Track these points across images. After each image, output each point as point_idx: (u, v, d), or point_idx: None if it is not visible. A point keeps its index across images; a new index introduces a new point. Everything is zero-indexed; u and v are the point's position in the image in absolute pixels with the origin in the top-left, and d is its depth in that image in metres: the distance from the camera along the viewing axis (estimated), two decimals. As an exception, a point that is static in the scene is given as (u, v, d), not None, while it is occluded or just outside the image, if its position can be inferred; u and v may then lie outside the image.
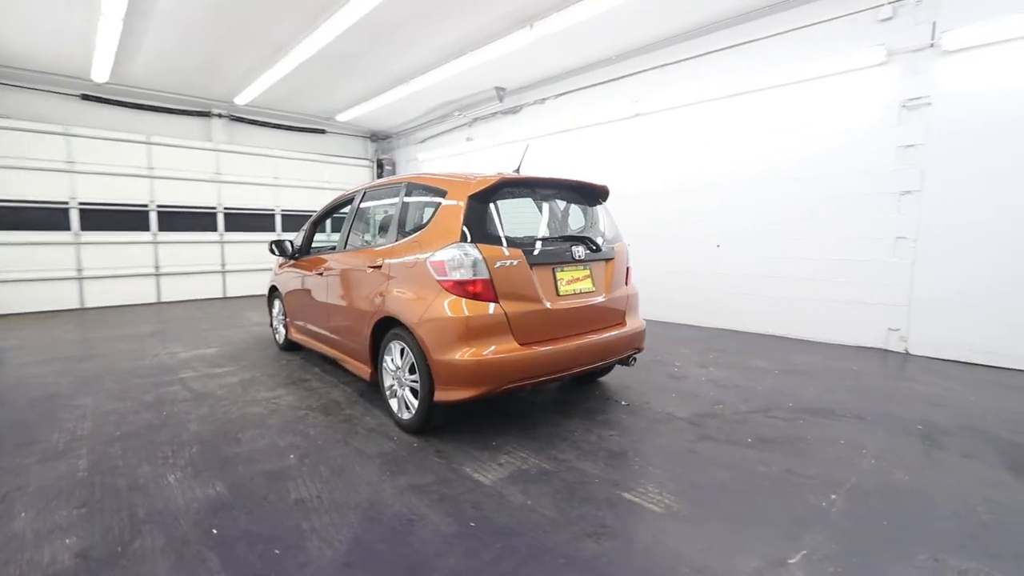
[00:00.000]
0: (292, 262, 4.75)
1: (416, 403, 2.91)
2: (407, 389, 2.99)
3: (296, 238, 4.87)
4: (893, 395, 3.73)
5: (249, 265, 9.76)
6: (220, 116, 9.26)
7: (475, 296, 2.68)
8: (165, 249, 8.79)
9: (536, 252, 2.90)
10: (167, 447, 2.84)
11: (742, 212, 6.12)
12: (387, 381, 3.19)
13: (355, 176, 11.37)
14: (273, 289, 5.31)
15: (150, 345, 5.47)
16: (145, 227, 8.57)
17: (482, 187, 2.83)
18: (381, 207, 3.84)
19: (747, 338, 5.78)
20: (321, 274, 3.98)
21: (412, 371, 2.93)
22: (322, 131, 10.76)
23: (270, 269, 10.67)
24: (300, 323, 4.58)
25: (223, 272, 9.49)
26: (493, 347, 2.67)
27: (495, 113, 9.12)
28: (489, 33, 6.15)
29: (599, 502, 2.26)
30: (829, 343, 5.43)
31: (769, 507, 2.23)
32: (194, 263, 9.13)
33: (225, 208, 9.39)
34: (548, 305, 2.90)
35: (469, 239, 2.73)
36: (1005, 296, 4.42)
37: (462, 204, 2.81)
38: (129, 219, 8.42)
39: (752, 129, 5.96)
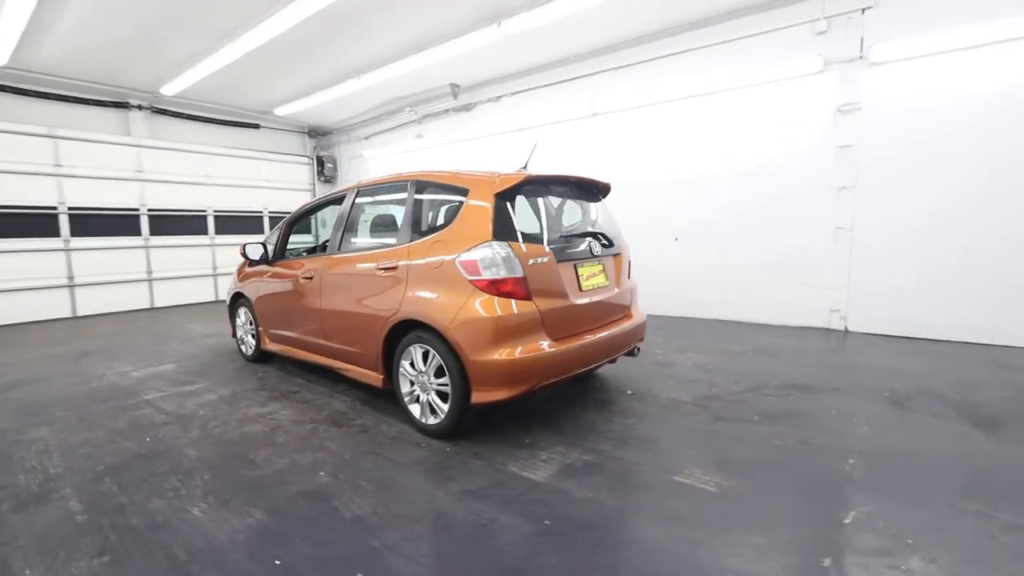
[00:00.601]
0: (266, 266, 4.41)
1: (445, 407, 2.84)
2: (432, 393, 2.92)
3: (268, 240, 4.52)
4: (855, 369, 4.19)
5: (181, 272, 8.89)
6: (140, 108, 8.31)
7: (509, 295, 2.67)
8: (80, 257, 7.76)
9: (562, 249, 2.94)
10: (172, 477, 2.55)
11: (698, 207, 6.54)
12: (405, 387, 3.08)
13: (294, 174, 10.71)
14: (238, 297, 4.90)
15: (89, 366, 4.84)
16: (55, 232, 7.51)
17: (508, 184, 2.82)
18: (381, 206, 3.68)
19: (708, 324, 6.20)
20: (311, 278, 3.74)
21: (438, 375, 2.86)
22: (256, 126, 10.01)
23: (206, 275, 9.90)
24: (279, 332, 4.28)
25: (150, 280, 8.56)
26: (530, 345, 2.68)
27: (447, 110, 8.99)
28: (455, 28, 6.06)
29: (656, 488, 2.36)
30: (780, 325, 5.96)
31: (803, 476, 2.44)
32: (116, 271, 8.15)
33: (149, 210, 8.47)
34: (575, 301, 2.95)
35: (500, 237, 2.71)
36: (928, 277, 5.11)
37: (489, 202, 2.78)
38: (36, 223, 7.34)
39: (705, 130, 6.38)
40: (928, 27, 4.89)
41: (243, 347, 4.91)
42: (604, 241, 3.26)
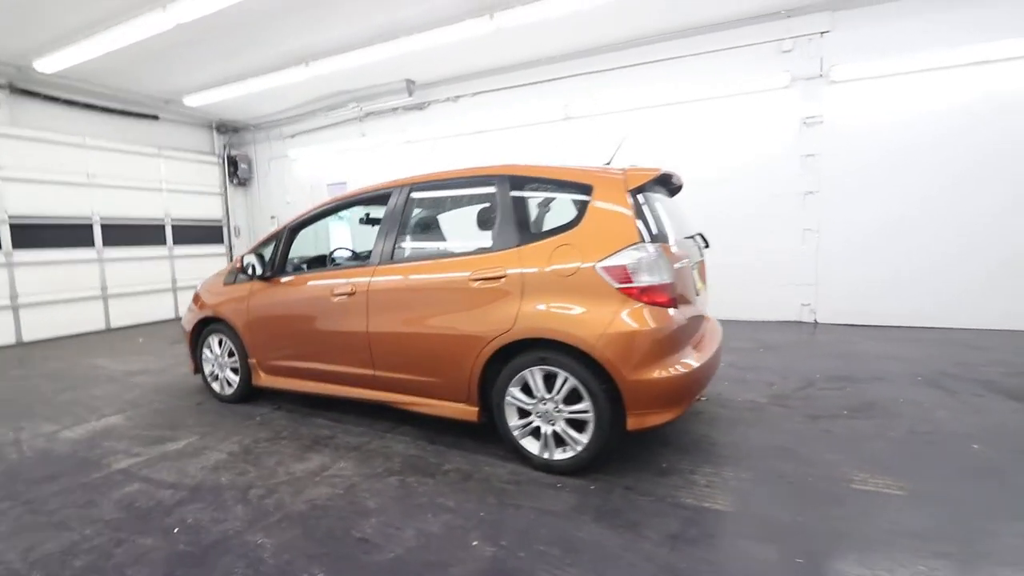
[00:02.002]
0: (259, 283, 3.54)
1: (581, 437, 2.43)
2: (561, 423, 2.48)
3: (259, 251, 3.64)
4: (862, 357, 4.50)
5: (58, 294, 6.99)
6: (-3, 86, 6.40)
7: (660, 303, 2.36)
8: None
9: (690, 251, 2.70)
10: (264, 580, 1.82)
11: (676, 211, 6.73)
12: (513, 419, 2.60)
13: (200, 175, 9.09)
14: (205, 322, 3.88)
15: (-19, 431, 3.47)
16: None
17: (644, 180, 2.52)
18: (451, 206, 3.12)
19: (695, 325, 6.38)
20: (350, 294, 3.04)
21: (570, 400, 2.45)
22: (155, 117, 8.30)
23: (92, 297, 7.77)
24: (286, 363, 3.44)
25: (14, 308, 6.59)
26: (684, 359, 2.40)
27: (395, 108, 8.29)
28: (440, 17, 5.53)
29: (849, 500, 2.21)
30: (758, 320, 6.34)
31: (958, 466, 2.48)
32: (-38, 299, 6.15)
33: (11, 217, 6.53)
34: (698, 310, 2.73)
35: (646, 239, 2.39)
36: (886, 272, 5.76)
37: (626, 200, 2.45)
38: None
39: (681, 138, 6.58)
40: (882, 51, 5.54)
41: (216, 385, 3.90)
42: (704, 241, 3.09)
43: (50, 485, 2.62)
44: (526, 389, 2.55)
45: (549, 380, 2.48)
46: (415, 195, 3.07)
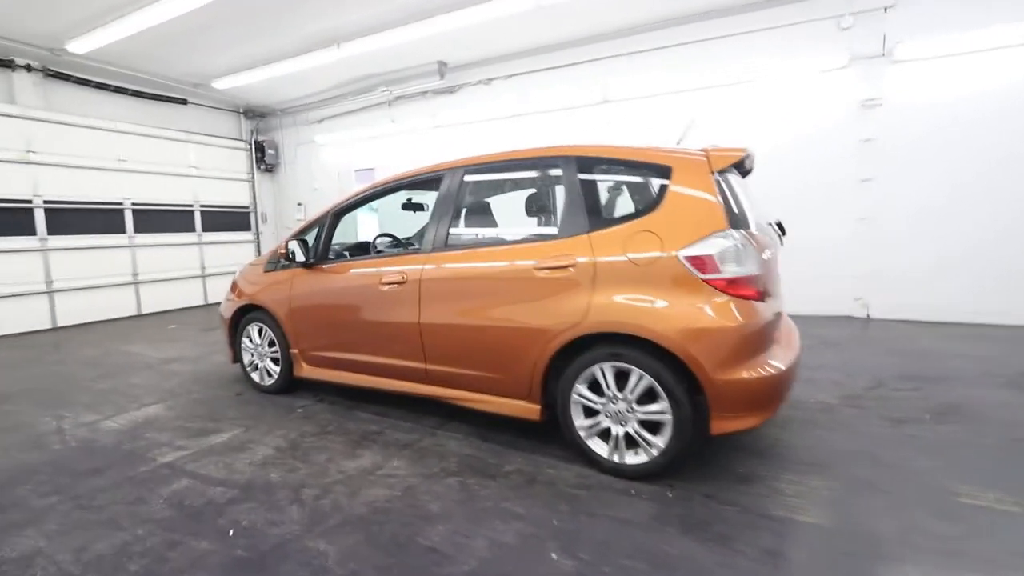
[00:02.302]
0: (301, 270, 3.41)
1: (657, 440, 2.25)
2: (634, 424, 2.30)
3: (302, 236, 3.50)
4: (928, 355, 4.21)
5: (91, 280, 7.01)
6: (30, 69, 6.35)
7: (748, 296, 2.15)
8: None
9: (771, 240, 2.48)
10: (331, 591, 1.68)
11: (718, 199, 6.43)
12: (579, 419, 2.43)
13: (228, 161, 9.02)
14: (246, 310, 3.78)
15: (23, 416, 3.43)
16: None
17: (729, 162, 2.30)
18: (510, 189, 2.94)
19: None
20: (400, 283, 2.88)
21: (643, 400, 2.26)
22: (183, 101, 8.23)
23: (124, 283, 7.79)
24: (330, 354, 3.32)
25: (49, 293, 6.62)
26: (772, 358, 2.19)
27: (425, 92, 8.08)
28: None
29: (957, 513, 1.99)
30: (808, 315, 6.04)
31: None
32: (3, 282, 6.17)
33: (45, 201, 6.53)
34: (780, 302, 2.51)
35: (734, 225, 2.17)
36: (944, 265, 5.42)
37: (710, 183, 2.23)
38: None
39: (729, 121, 6.24)
40: (948, 27, 5.14)
41: (256, 375, 3.80)
42: (780, 230, 2.86)
43: (97, 479, 2.53)
44: (594, 387, 2.38)
45: (620, 378, 2.30)
46: (470, 178, 2.89)
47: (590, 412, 2.42)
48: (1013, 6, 4.86)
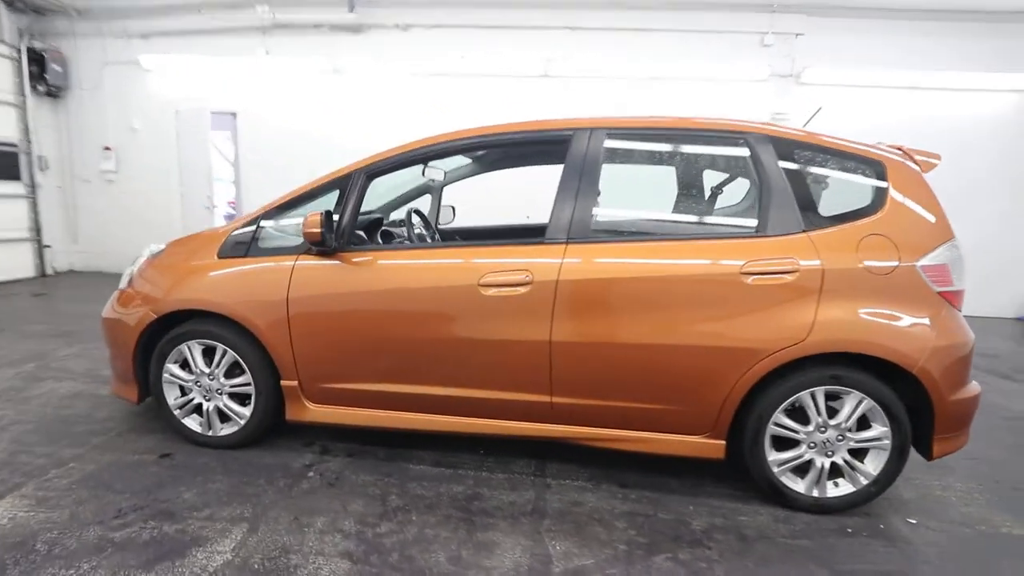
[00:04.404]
0: (317, 259, 2.23)
1: (869, 468, 2.02)
2: (844, 453, 2.03)
3: (296, 209, 2.29)
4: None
5: None
6: None
7: (959, 308, 2.06)
8: None
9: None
10: None
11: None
12: (772, 454, 2.05)
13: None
14: (177, 318, 2.34)
15: None
16: None
17: (932, 167, 2.12)
18: (679, 165, 2.29)
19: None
20: (525, 284, 2.05)
21: (859, 427, 2.01)
22: None
23: None
24: (374, 386, 2.23)
25: None
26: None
27: (320, 25, 6.43)
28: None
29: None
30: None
31: None
32: None
33: None
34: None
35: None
36: None
37: (929, 187, 2.05)
38: None
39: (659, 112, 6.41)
40: (843, 63, 6.09)
41: (195, 422, 2.41)
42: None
43: None
44: (797, 415, 2.02)
45: (844, 406, 1.99)
46: (612, 144, 2.19)
47: (784, 443, 2.07)
48: (899, 53, 5.95)
